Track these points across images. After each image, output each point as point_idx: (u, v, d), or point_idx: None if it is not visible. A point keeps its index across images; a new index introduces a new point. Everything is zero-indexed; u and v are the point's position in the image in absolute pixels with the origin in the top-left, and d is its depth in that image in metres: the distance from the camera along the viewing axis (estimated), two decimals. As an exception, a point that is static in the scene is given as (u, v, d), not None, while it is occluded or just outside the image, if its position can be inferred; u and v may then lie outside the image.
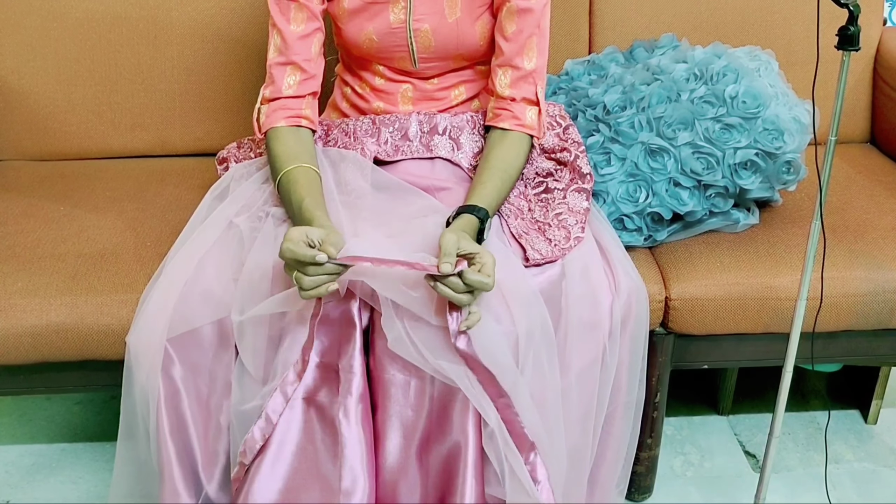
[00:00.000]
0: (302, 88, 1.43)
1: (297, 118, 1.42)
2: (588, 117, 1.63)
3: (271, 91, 1.43)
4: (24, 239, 1.56)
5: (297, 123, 1.42)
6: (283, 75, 1.42)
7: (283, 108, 1.42)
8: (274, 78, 1.42)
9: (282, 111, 1.42)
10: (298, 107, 1.43)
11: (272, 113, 1.42)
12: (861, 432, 1.92)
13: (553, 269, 1.36)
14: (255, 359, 1.28)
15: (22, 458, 1.83)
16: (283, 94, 1.42)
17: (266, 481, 1.23)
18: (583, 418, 1.38)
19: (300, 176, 1.34)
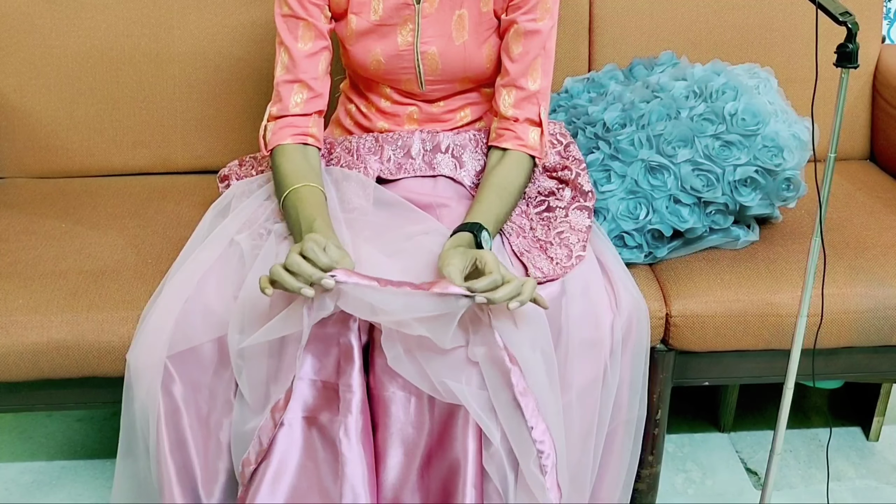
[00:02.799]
0: (309, 107, 1.43)
1: (303, 136, 1.43)
2: (588, 135, 1.64)
3: (278, 109, 1.43)
4: (25, 256, 1.57)
5: (303, 141, 1.43)
6: (291, 93, 1.43)
7: (289, 126, 1.42)
8: (281, 96, 1.43)
9: (289, 129, 1.42)
10: (305, 125, 1.43)
11: (279, 130, 1.43)
12: (863, 449, 1.91)
13: (553, 286, 1.36)
14: (251, 390, 1.28)
15: (22, 475, 1.83)
16: (290, 112, 1.42)
17: (267, 498, 1.23)
18: (584, 436, 1.37)
19: (309, 195, 1.34)
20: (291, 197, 1.35)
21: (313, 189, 1.36)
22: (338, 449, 1.22)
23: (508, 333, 1.23)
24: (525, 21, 1.43)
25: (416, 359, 1.23)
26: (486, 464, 1.24)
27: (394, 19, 1.45)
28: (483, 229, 1.32)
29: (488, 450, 1.24)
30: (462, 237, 1.31)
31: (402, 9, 1.44)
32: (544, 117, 1.45)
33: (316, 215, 1.30)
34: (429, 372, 1.22)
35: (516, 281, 1.20)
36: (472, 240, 1.31)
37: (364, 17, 1.45)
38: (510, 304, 1.18)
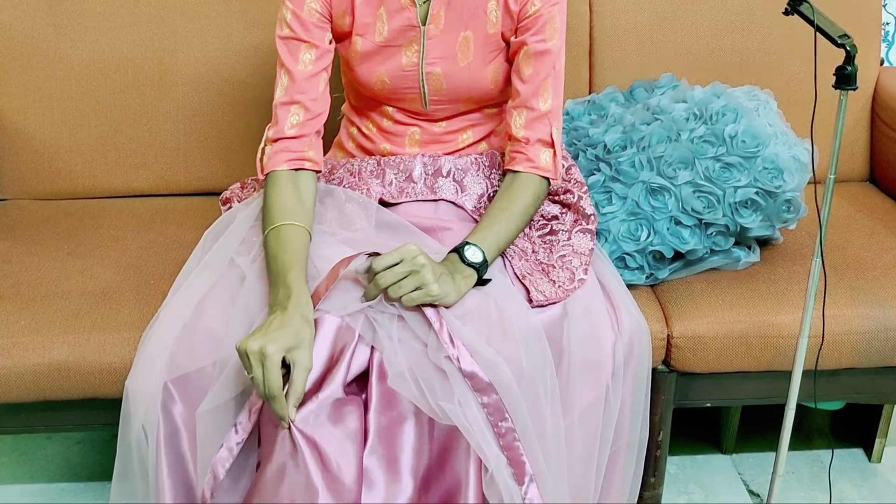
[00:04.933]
0: (305, 128, 1.43)
1: (299, 161, 1.42)
2: (589, 157, 1.64)
3: (274, 132, 1.43)
4: (27, 277, 1.57)
5: (299, 166, 1.42)
6: (287, 115, 1.42)
7: (285, 151, 1.41)
8: (278, 118, 1.43)
9: (284, 153, 1.41)
10: (301, 148, 1.42)
11: (274, 155, 1.42)
12: (865, 471, 1.91)
13: (555, 308, 1.36)
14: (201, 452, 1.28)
15: (22, 497, 1.82)
16: (285, 135, 1.42)
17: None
18: (586, 458, 1.37)
19: (289, 237, 1.32)
20: (272, 236, 1.33)
21: (296, 229, 1.33)
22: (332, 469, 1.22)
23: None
24: (535, 42, 1.43)
25: (416, 378, 1.22)
26: (485, 488, 1.24)
27: (399, 40, 1.46)
28: (469, 245, 1.32)
29: (486, 475, 1.23)
30: (448, 258, 1.32)
31: (408, 30, 1.45)
32: (556, 137, 1.45)
33: (291, 265, 1.27)
34: (427, 394, 1.22)
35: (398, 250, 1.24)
36: (458, 259, 1.31)
37: (369, 38, 1.46)
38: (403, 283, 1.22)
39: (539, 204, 1.46)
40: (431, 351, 1.22)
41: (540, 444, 1.27)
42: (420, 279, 1.23)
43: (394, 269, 1.23)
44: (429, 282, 1.23)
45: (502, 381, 1.23)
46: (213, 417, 1.27)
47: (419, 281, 1.23)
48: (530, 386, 1.27)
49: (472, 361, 1.22)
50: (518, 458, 1.24)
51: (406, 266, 1.23)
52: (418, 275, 1.23)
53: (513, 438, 1.23)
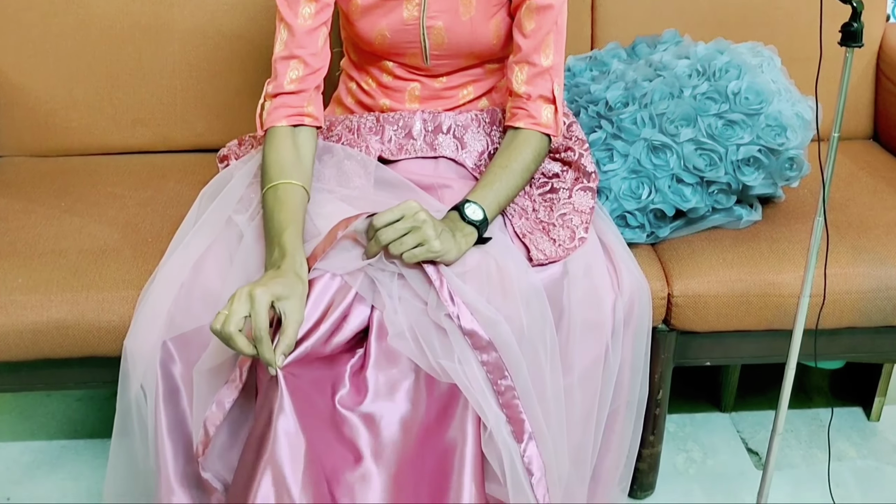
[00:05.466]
0: (304, 83, 1.41)
1: (299, 116, 1.41)
2: (590, 114, 1.63)
3: (274, 87, 1.41)
4: (24, 235, 1.56)
5: (298, 122, 1.41)
6: (286, 70, 1.40)
7: (284, 106, 1.40)
8: (277, 73, 1.41)
9: (283, 109, 1.40)
10: (300, 104, 1.41)
11: (274, 111, 1.40)
12: (864, 429, 1.91)
13: (555, 267, 1.35)
14: (197, 410, 1.27)
15: (22, 454, 1.83)
16: (284, 90, 1.40)
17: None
18: (585, 417, 1.37)
19: (287, 196, 1.31)
20: (270, 194, 1.32)
21: (294, 188, 1.32)
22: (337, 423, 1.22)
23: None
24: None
25: (416, 336, 1.22)
26: (484, 446, 1.24)
27: None
28: (469, 203, 1.31)
29: (485, 433, 1.23)
30: (448, 216, 1.31)
31: None
32: (558, 94, 1.43)
33: (287, 224, 1.26)
34: (427, 352, 1.21)
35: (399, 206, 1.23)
36: (458, 216, 1.30)
37: None
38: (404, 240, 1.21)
39: (540, 161, 1.45)
40: (431, 309, 1.22)
41: (539, 402, 1.27)
42: (421, 235, 1.22)
43: (395, 225, 1.22)
44: (430, 238, 1.22)
45: (502, 340, 1.22)
46: (211, 376, 1.26)
47: (420, 237, 1.22)
48: (530, 345, 1.27)
49: (472, 319, 1.21)
50: (517, 416, 1.24)
51: (407, 222, 1.22)
52: (419, 231, 1.22)
53: (512, 396, 1.23)
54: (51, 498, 1.71)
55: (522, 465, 1.25)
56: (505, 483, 1.24)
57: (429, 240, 1.22)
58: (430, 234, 1.22)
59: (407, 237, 1.22)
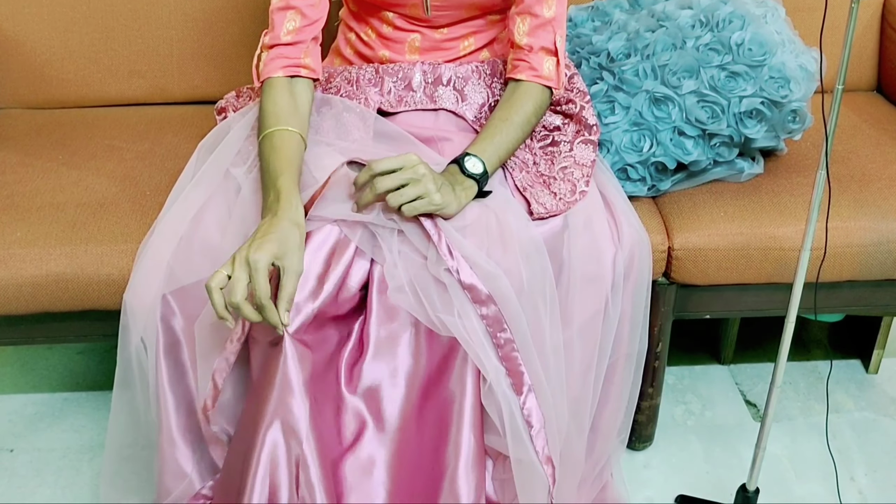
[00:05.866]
0: (301, 34, 1.39)
1: (295, 67, 1.39)
2: (592, 65, 1.61)
3: (270, 38, 1.40)
4: (21, 188, 1.55)
5: (295, 73, 1.39)
6: (283, 20, 1.38)
7: (281, 57, 1.39)
8: (274, 24, 1.39)
9: (280, 60, 1.38)
10: (297, 55, 1.39)
11: (270, 62, 1.39)
12: (862, 382, 1.92)
13: (555, 220, 1.35)
14: (201, 364, 1.28)
15: (24, 407, 1.84)
16: (280, 41, 1.38)
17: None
18: (584, 370, 1.38)
19: (283, 143, 1.30)
20: (266, 141, 1.31)
21: (290, 134, 1.31)
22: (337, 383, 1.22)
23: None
24: None
25: (416, 290, 1.22)
26: (483, 399, 1.25)
27: None
28: (469, 156, 1.30)
29: (485, 385, 1.24)
30: (448, 169, 1.30)
31: None
32: (560, 46, 1.41)
33: (283, 169, 1.25)
34: (426, 306, 1.21)
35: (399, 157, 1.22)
36: (458, 170, 1.29)
37: None
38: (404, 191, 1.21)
39: (541, 114, 1.43)
40: (431, 263, 1.22)
41: (539, 355, 1.27)
42: (422, 188, 1.21)
43: (393, 175, 1.21)
44: (431, 191, 1.21)
45: (501, 293, 1.22)
46: (213, 331, 1.27)
47: (421, 190, 1.21)
48: (530, 298, 1.27)
49: (471, 273, 1.21)
50: (517, 368, 1.24)
51: (406, 174, 1.21)
52: (419, 184, 1.21)
53: (511, 349, 1.24)
54: (54, 449, 1.73)
55: (522, 418, 1.25)
56: (504, 435, 1.25)
57: (430, 193, 1.21)
58: (431, 187, 1.21)
59: (407, 189, 1.21)
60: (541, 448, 1.27)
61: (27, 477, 1.67)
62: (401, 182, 1.21)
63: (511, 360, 1.24)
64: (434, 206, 1.22)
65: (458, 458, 1.22)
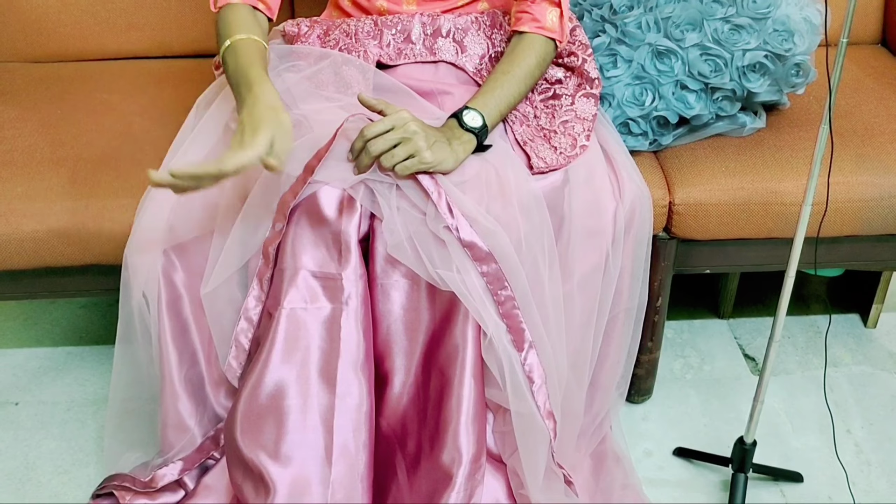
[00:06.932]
0: None
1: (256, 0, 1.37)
2: (594, 17, 1.59)
3: None
4: (21, 143, 1.55)
5: (254, 4, 1.37)
6: None
7: None
8: None
9: None
10: None
11: None
12: (860, 336, 1.93)
13: (556, 175, 1.35)
14: (215, 328, 1.31)
15: (28, 361, 1.86)
16: None
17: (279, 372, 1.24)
18: (584, 324, 1.38)
19: (248, 48, 1.27)
20: (229, 52, 1.28)
21: (254, 42, 1.29)
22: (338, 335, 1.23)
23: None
24: None
25: (415, 246, 1.22)
26: (484, 354, 1.25)
27: None
28: (469, 110, 1.29)
29: (485, 340, 1.24)
30: (447, 123, 1.29)
31: None
32: None
33: (250, 64, 1.23)
34: (425, 260, 1.22)
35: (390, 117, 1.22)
36: (456, 124, 1.29)
37: None
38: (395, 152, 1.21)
39: (544, 67, 1.42)
40: (430, 220, 1.22)
41: (539, 310, 1.28)
42: (413, 147, 1.21)
43: (385, 136, 1.21)
44: (421, 149, 1.21)
45: (501, 250, 1.22)
46: (220, 293, 1.27)
47: (412, 148, 1.21)
48: (529, 253, 1.27)
49: (471, 231, 1.21)
50: (517, 325, 1.25)
51: (398, 133, 1.21)
52: (410, 142, 1.21)
53: (512, 306, 1.24)
54: (58, 402, 1.74)
55: (523, 373, 1.26)
56: (505, 389, 1.26)
57: (420, 151, 1.21)
58: (422, 144, 1.21)
59: (398, 149, 1.21)
60: (542, 403, 1.28)
61: (32, 430, 1.68)
62: (393, 142, 1.21)
63: (512, 317, 1.25)
64: (425, 164, 1.22)
65: (461, 411, 1.23)
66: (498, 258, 1.22)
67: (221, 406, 1.39)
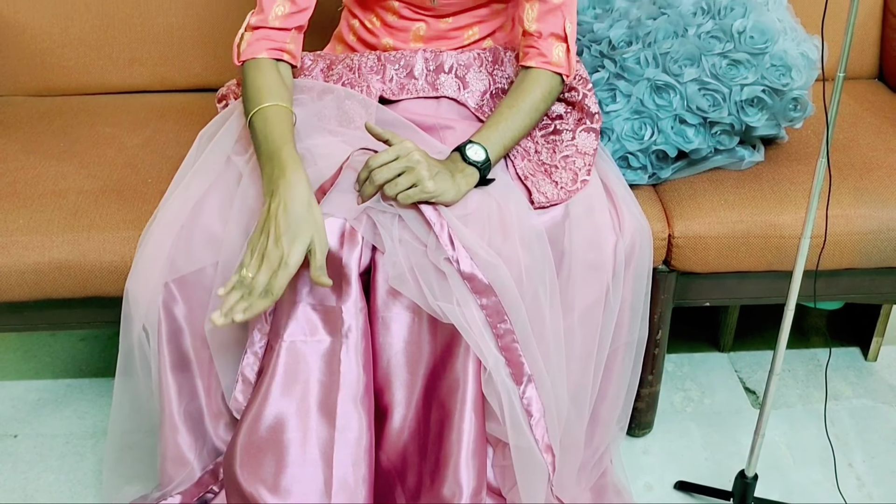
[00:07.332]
0: (289, 21, 1.38)
1: (279, 51, 1.38)
2: (593, 53, 1.61)
3: (258, 20, 1.38)
4: (24, 175, 1.55)
5: (278, 57, 1.38)
6: (273, 5, 1.37)
7: (266, 39, 1.38)
8: (263, 7, 1.38)
9: (265, 41, 1.37)
10: (283, 39, 1.38)
11: (255, 42, 1.38)
12: (861, 369, 1.93)
13: (557, 209, 1.35)
14: (219, 362, 1.32)
15: (28, 393, 1.85)
16: (269, 24, 1.37)
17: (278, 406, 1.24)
18: (585, 357, 1.38)
19: (279, 118, 1.29)
20: (258, 117, 1.30)
21: (284, 110, 1.31)
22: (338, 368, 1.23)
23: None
24: None
25: (416, 277, 1.23)
26: (484, 387, 1.25)
27: None
28: (472, 143, 1.30)
29: (485, 374, 1.24)
30: (450, 157, 1.30)
31: None
32: (570, 31, 1.41)
33: (284, 141, 1.25)
34: (426, 292, 1.22)
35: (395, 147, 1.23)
36: (459, 157, 1.30)
37: None
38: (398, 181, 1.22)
39: (551, 101, 1.43)
40: (431, 252, 1.22)
41: (539, 343, 1.28)
42: (415, 176, 1.22)
43: (389, 165, 1.22)
44: (424, 178, 1.22)
45: (501, 283, 1.23)
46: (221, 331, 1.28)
47: (415, 178, 1.22)
48: (530, 286, 1.27)
49: (471, 264, 1.22)
50: (516, 359, 1.25)
51: (401, 162, 1.22)
52: (413, 171, 1.22)
53: (511, 340, 1.24)
54: (57, 435, 1.74)
55: (521, 407, 1.26)
56: (504, 423, 1.25)
57: (422, 180, 1.22)
58: (424, 174, 1.22)
59: (401, 178, 1.22)
60: (540, 437, 1.28)
61: (31, 462, 1.68)
62: (397, 172, 1.22)
63: (511, 351, 1.25)
64: (426, 193, 1.22)
65: (461, 445, 1.23)
66: (498, 291, 1.23)
67: (221, 439, 1.39)
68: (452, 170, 1.27)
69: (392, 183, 1.22)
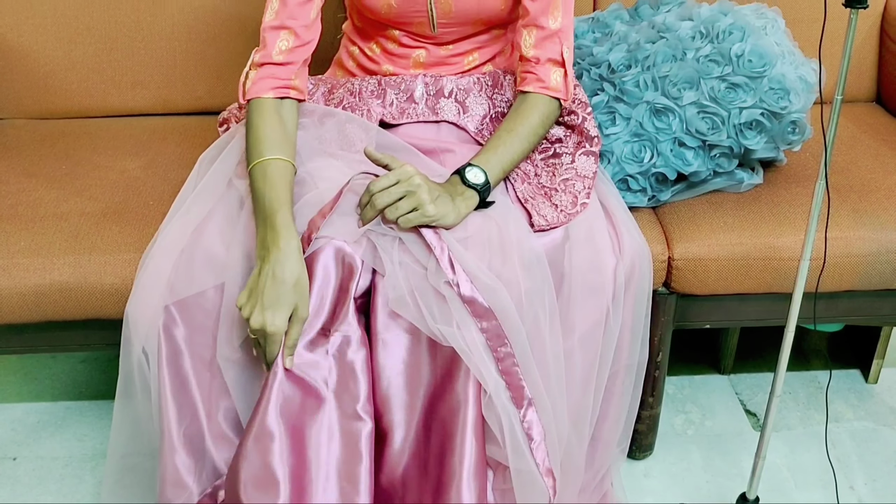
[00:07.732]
0: (293, 55, 1.38)
1: (285, 89, 1.38)
2: (593, 76, 1.62)
3: (261, 56, 1.38)
4: (25, 198, 1.56)
5: (284, 95, 1.38)
6: (276, 40, 1.37)
7: (271, 77, 1.37)
8: (266, 42, 1.38)
9: (270, 80, 1.37)
10: (288, 76, 1.38)
11: (260, 80, 1.37)
12: (861, 391, 1.93)
13: (556, 231, 1.35)
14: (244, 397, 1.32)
15: (28, 415, 1.85)
16: (272, 60, 1.37)
17: None
18: (585, 380, 1.38)
19: (277, 175, 1.28)
20: (258, 171, 1.29)
21: (284, 164, 1.30)
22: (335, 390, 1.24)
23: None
24: None
25: (416, 300, 1.23)
26: (484, 410, 1.25)
27: None
28: (472, 166, 1.31)
29: (485, 397, 1.24)
30: (450, 180, 1.31)
31: None
32: (567, 57, 1.42)
33: (280, 204, 1.25)
34: (426, 315, 1.22)
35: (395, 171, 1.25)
36: (459, 180, 1.30)
37: None
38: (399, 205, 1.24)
39: (549, 125, 1.44)
40: (431, 275, 1.23)
41: (539, 366, 1.28)
42: (416, 200, 1.22)
43: (390, 189, 1.23)
44: (424, 202, 1.22)
45: (501, 307, 1.23)
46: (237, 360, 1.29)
47: (415, 202, 1.22)
48: (531, 309, 1.27)
49: (471, 287, 1.22)
50: (517, 382, 1.25)
51: (402, 186, 1.23)
52: (414, 195, 1.22)
53: (511, 363, 1.24)
54: (57, 458, 1.73)
55: (522, 430, 1.26)
56: (504, 447, 1.25)
57: (423, 204, 1.22)
58: (425, 198, 1.22)
59: (402, 202, 1.22)
60: (541, 460, 1.28)
61: (30, 485, 1.67)
62: (397, 196, 1.22)
63: (511, 374, 1.25)
64: (427, 217, 1.23)
65: (462, 467, 1.22)
66: (498, 315, 1.23)
67: (222, 461, 1.38)
68: (452, 193, 1.28)
69: (393, 207, 1.23)
